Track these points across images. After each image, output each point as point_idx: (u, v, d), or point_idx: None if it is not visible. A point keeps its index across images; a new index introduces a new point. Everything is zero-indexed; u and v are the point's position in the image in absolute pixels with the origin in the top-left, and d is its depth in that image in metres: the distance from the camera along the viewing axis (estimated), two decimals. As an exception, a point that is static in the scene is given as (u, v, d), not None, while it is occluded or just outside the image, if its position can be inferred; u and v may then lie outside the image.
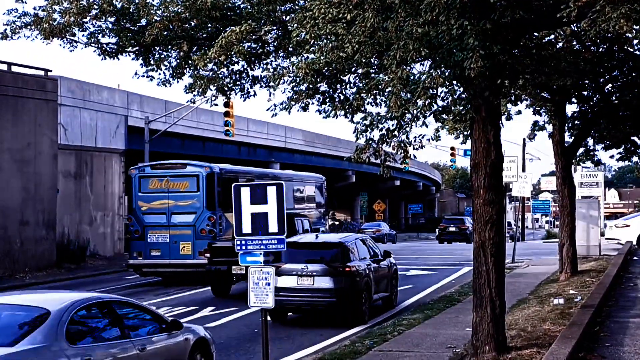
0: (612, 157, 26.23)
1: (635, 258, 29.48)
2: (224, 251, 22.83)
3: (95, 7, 13.41)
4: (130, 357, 9.64)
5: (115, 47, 14.30)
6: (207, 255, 24.28)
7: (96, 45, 14.30)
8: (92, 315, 9.88)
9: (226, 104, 37.28)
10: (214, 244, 24.93)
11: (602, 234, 37.33)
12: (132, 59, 14.41)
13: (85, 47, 14.35)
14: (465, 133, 19.31)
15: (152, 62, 14.12)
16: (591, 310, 13.90)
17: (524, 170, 56.05)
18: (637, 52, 20.40)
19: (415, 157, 13.15)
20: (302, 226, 27.49)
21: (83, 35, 14.12)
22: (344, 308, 17.51)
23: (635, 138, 24.34)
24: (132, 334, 10.04)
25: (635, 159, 25.17)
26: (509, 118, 21.90)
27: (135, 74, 14.44)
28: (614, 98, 22.35)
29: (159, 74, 14.26)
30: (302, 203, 35.90)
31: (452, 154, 62.59)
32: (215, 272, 23.48)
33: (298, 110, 12.22)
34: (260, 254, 11.38)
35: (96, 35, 14.15)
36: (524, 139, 64.61)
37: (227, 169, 30.01)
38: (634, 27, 11.37)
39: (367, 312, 17.94)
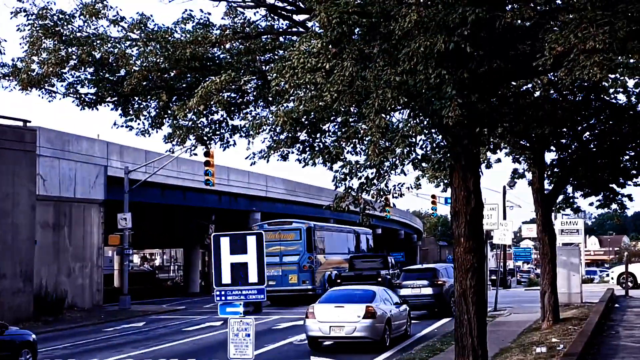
0: (591, 204, 26.25)
1: (617, 305, 29.48)
2: (349, 281, 36.80)
3: (74, 57, 13.41)
4: (393, 310, 22.10)
5: (94, 97, 14.29)
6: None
7: (75, 96, 14.28)
8: (386, 294, 22.70)
9: (206, 154, 37.26)
10: (341, 274, 41.74)
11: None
12: (111, 109, 14.39)
13: (64, 97, 14.33)
14: (446, 181, 19.39)
15: (131, 112, 14.10)
16: (574, 359, 13.82)
17: (504, 217, 56.07)
18: (614, 101, 20.64)
19: (394, 205, 13.16)
20: (392, 262, 43.56)
21: (62, 85, 14.11)
22: (438, 305, 29.90)
23: (613, 185, 24.44)
24: (392, 302, 22.54)
25: (614, 206, 25.21)
26: (488, 166, 22.04)
27: (114, 124, 14.39)
28: (592, 146, 22.52)
29: (138, 124, 14.25)
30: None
31: (433, 202, 62.71)
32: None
33: (277, 160, 12.23)
34: (240, 304, 11.26)
35: (75, 85, 14.14)
36: (504, 187, 64.86)
37: (319, 225, 47.46)
38: (609, 75, 11.50)
39: (451, 310, 27.07)
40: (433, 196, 62.01)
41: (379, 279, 36.73)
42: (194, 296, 59.27)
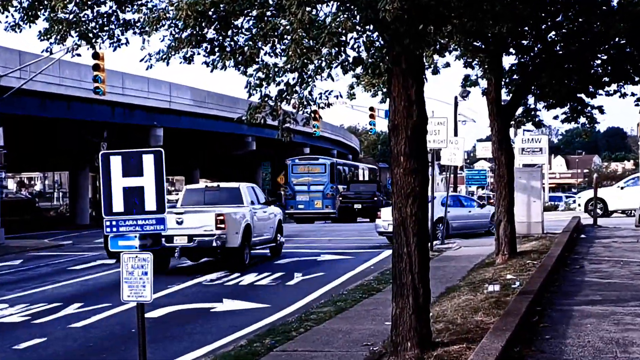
0: (556, 117, 26.64)
1: (583, 236, 30.37)
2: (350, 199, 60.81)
3: None
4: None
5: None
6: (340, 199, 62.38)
7: None
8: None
9: (95, 56, 36.61)
10: (342, 192, 62.96)
11: None
12: (-27, -4, 13.92)
13: None
14: (384, 90, 19.41)
15: (-3, 1, 13.67)
16: (530, 298, 14.22)
17: (455, 134, 56.88)
18: (584, -6, 20.80)
19: (320, 117, 13.16)
20: (383, 186, 70.05)
21: None
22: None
23: (582, 95, 24.79)
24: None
25: (582, 119, 25.62)
26: (435, 72, 22.01)
27: (-23, 15, 13.94)
28: (557, 48, 22.73)
29: (7, 16, 13.82)
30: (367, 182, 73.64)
31: (372, 116, 62.80)
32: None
33: (181, 63, 12.05)
34: (135, 237, 11.17)
35: None
36: (456, 98, 65.58)
37: (340, 161, 75.15)
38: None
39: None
40: (371, 109, 62.13)
41: (375, 199, 57.64)
42: (83, 228, 59.07)
